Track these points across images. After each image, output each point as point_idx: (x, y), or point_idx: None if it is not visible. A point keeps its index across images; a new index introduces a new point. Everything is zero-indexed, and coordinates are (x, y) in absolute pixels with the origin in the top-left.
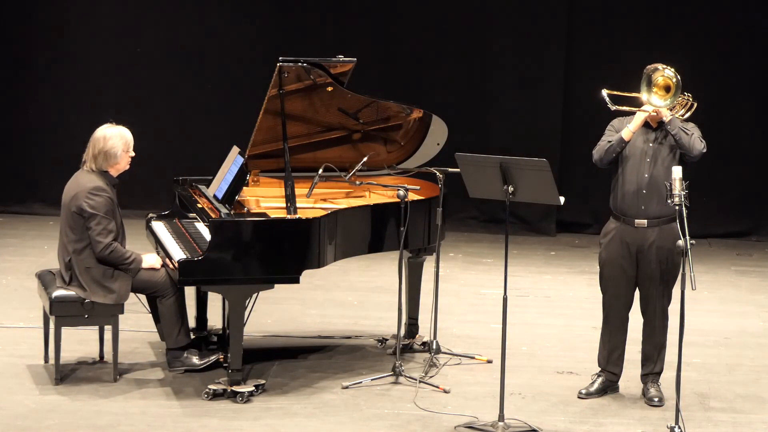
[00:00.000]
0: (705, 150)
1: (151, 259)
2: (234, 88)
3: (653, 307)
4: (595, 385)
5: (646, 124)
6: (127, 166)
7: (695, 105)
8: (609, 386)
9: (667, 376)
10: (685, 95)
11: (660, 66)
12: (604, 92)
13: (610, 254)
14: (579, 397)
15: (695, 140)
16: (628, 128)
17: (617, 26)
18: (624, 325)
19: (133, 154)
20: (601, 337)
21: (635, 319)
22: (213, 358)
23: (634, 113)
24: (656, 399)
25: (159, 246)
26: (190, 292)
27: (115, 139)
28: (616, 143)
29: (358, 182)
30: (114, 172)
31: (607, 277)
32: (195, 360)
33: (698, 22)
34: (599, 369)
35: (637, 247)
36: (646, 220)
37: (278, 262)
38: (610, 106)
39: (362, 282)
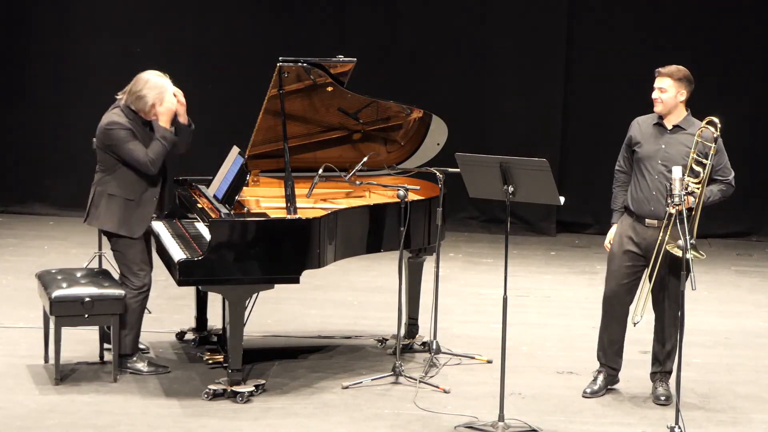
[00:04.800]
0: (732, 178)
1: (168, 104)
2: (234, 88)
3: (663, 308)
4: (598, 383)
5: (659, 126)
6: (155, 117)
7: (715, 123)
8: (610, 381)
9: None
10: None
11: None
12: None
13: (619, 248)
14: (584, 397)
15: (725, 192)
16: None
17: (617, 27)
18: (622, 320)
19: (168, 106)
20: (600, 331)
21: (645, 320)
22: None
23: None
24: (663, 398)
25: (159, 246)
26: (190, 292)
27: (150, 90)
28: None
29: (358, 182)
30: (144, 116)
31: (611, 270)
32: (141, 366)
33: (698, 21)
34: (598, 365)
35: (647, 245)
36: (656, 220)
37: (278, 262)
38: None
39: (362, 282)
